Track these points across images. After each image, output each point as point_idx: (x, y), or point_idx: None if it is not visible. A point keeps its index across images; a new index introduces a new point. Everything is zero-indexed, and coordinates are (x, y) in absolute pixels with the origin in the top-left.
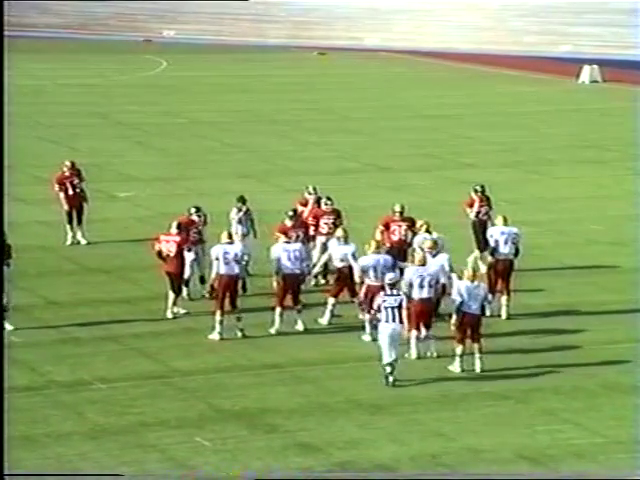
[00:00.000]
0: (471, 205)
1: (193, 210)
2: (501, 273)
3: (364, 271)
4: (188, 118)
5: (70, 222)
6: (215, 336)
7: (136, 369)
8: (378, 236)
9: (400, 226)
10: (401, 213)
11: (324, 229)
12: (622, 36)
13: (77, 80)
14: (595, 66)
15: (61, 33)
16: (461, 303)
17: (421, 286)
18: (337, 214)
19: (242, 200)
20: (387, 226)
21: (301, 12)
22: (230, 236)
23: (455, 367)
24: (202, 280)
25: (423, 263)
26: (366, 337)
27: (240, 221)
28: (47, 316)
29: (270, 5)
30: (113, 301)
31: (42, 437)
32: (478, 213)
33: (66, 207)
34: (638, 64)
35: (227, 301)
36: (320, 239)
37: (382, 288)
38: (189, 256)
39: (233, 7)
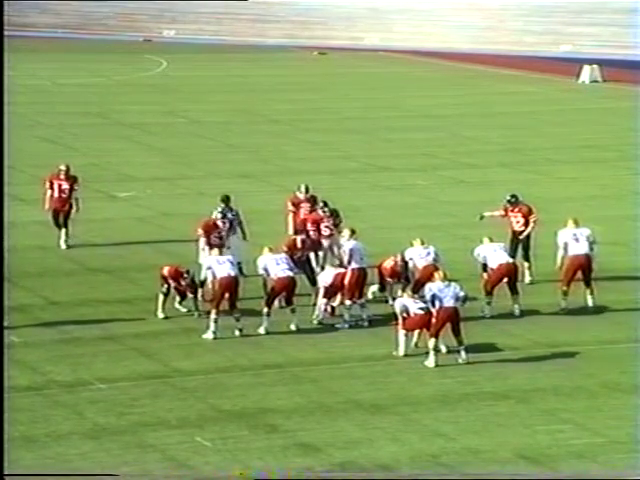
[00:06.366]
0: (505, 216)
1: (219, 215)
2: (504, 276)
3: (351, 255)
4: (188, 118)
5: (57, 224)
6: (209, 335)
7: (136, 369)
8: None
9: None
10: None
11: (326, 232)
12: (622, 36)
13: (77, 80)
14: (595, 66)
15: (61, 33)
16: (433, 301)
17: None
18: (336, 215)
19: (226, 200)
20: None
21: (301, 12)
22: (221, 253)
23: (430, 362)
24: None
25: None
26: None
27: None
28: (47, 316)
29: (270, 5)
30: (113, 301)
31: (42, 437)
32: (511, 223)
33: (47, 206)
34: (638, 64)
35: (226, 302)
36: (323, 242)
37: (364, 271)
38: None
39: (233, 7)
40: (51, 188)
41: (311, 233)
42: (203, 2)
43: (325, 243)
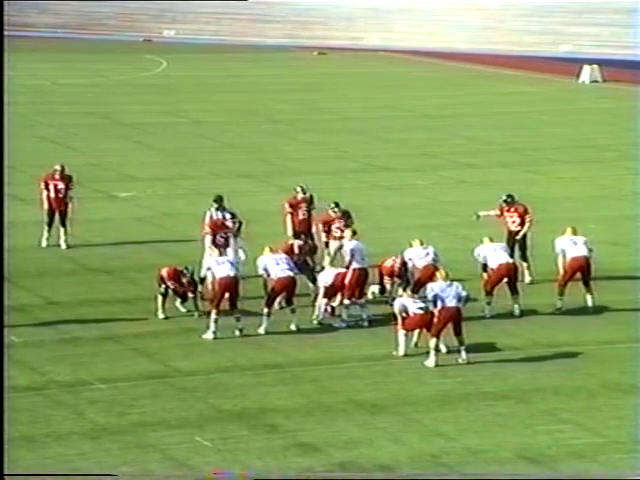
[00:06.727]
0: (500, 215)
1: (228, 216)
2: (504, 276)
3: (352, 255)
4: (188, 118)
5: (49, 224)
6: (209, 335)
7: (136, 369)
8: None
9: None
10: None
11: (337, 233)
12: (622, 36)
13: (77, 80)
14: (595, 66)
15: (61, 33)
16: (435, 301)
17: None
18: (348, 216)
19: (219, 200)
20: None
21: (301, 12)
22: (220, 254)
23: (430, 362)
24: None
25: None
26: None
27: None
28: (47, 316)
29: (270, 5)
30: (113, 301)
31: (42, 437)
32: (506, 223)
33: (45, 206)
34: (638, 64)
35: (226, 302)
36: (333, 244)
37: (365, 271)
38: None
39: (233, 7)
40: (46, 189)
41: (322, 234)
42: (203, 2)
43: (334, 244)
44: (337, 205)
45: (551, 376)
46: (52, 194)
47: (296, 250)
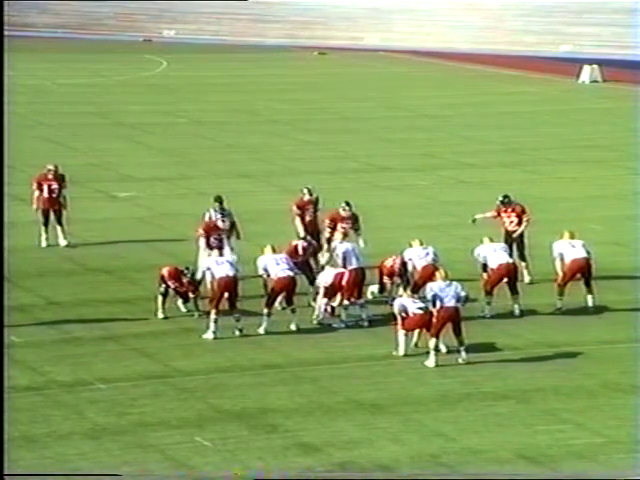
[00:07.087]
0: (497, 216)
1: (219, 216)
2: (504, 276)
3: (345, 257)
4: (188, 118)
5: (45, 224)
6: (209, 335)
7: (136, 369)
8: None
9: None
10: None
11: (340, 232)
12: (622, 36)
13: (77, 80)
14: (595, 66)
15: (61, 33)
16: (434, 301)
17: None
18: (355, 219)
19: (219, 200)
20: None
21: (301, 12)
22: (220, 254)
23: (430, 362)
24: None
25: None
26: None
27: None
28: (47, 316)
29: (270, 5)
30: (113, 301)
31: (42, 437)
32: (504, 223)
33: (36, 206)
34: (638, 64)
35: (225, 302)
36: (334, 243)
37: (362, 271)
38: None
39: (233, 7)
40: (40, 189)
41: (327, 230)
42: (203, 2)
43: (333, 244)
44: (348, 204)
45: (551, 376)
46: (46, 194)
47: (300, 251)
